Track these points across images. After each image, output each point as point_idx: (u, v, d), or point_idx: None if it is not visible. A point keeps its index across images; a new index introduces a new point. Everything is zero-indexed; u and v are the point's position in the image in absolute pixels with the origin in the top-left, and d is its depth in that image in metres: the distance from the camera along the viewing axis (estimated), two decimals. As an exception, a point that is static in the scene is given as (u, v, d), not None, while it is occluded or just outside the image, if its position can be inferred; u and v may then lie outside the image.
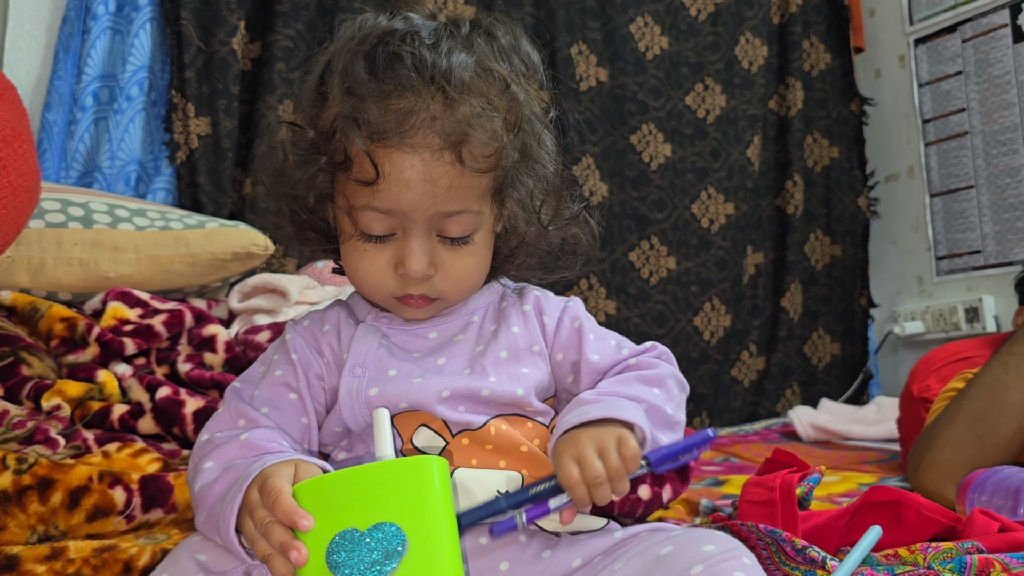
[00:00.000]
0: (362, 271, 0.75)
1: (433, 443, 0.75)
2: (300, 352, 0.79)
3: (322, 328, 0.81)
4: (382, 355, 0.77)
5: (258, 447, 0.71)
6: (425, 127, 0.69)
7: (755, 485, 0.98)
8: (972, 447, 1.24)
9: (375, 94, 0.70)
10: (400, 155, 0.69)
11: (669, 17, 2.56)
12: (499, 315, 0.82)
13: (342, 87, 0.72)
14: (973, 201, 2.52)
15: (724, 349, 2.58)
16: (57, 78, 1.84)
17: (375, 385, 0.75)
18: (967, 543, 0.84)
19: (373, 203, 0.71)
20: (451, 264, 0.75)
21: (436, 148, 0.69)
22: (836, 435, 2.11)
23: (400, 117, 0.69)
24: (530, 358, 0.79)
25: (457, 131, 0.69)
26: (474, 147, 0.70)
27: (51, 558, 0.83)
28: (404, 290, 0.75)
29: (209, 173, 1.95)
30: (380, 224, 0.73)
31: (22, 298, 1.28)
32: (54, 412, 1.08)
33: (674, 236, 2.54)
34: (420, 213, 0.71)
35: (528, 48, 0.79)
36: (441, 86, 0.69)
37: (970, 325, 2.50)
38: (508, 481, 0.74)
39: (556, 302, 0.84)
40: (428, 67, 0.70)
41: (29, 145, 1.13)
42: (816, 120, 2.75)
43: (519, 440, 0.76)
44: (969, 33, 2.52)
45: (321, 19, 2.11)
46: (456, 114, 0.70)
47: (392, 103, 0.69)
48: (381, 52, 0.71)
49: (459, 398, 0.75)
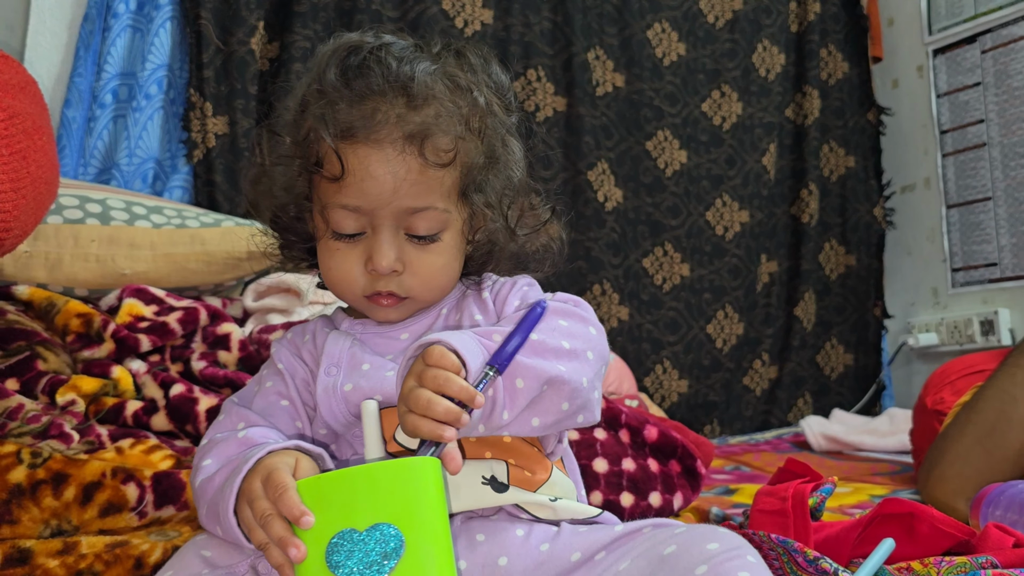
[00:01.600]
0: (334, 270, 0.78)
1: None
2: (286, 361, 0.82)
3: (303, 338, 0.84)
4: (355, 352, 0.79)
5: (256, 443, 0.73)
6: (389, 123, 0.73)
7: (767, 495, 0.98)
8: (981, 460, 1.23)
9: (345, 97, 0.74)
10: (365, 149, 0.73)
11: (687, 23, 2.56)
12: (461, 305, 0.83)
13: (316, 92, 0.76)
14: (990, 213, 2.51)
15: (736, 357, 2.57)
16: (77, 75, 1.85)
17: (349, 381, 0.77)
18: (981, 558, 0.83)
19: (341, 199, 0.75)
20: (419, 262, 0.77)
21: (399, 143, 0.73)
22: (848, 446, 2.10)
23: (365, 115, 0.73)
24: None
25: (419, 126, 0.74)
26: (436, 141, 0.74)
27: (63, 552, 0.84)
28: (373, 287, 0.77)
29: (226, 172, 1.96)
30: (349, 221, 0.76)
31: (39, 293, 1.28)
32: (69, 407, 1.09)
33: (688, 243, 2.53)
34: (385, 207, 0.74)
35: (497, 68, 0.82)
36: (405, 89, 0.74)
37: (985, 338, 2.48)
38: (493, 469, 0.75)
39: (508, 283, 0.85)
40: (394, 73, 0.74)
41: (49, 138, 1.14)
42: (832, 129, 2.74)
43: None
44: (989, 44, 2.50)
45: (339, 20, 2.12)
46: (419, 114, 0.74)
47: (359, 104, 0.74)
48: (352, 60, 0.76)
49: None
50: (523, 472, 0.76)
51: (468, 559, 0.71)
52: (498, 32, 2.31)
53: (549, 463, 0.78)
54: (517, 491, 0.75)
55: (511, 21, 2.32)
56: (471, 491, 0.74)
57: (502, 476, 0.75)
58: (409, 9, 2.20)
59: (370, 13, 2.13)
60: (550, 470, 0.78)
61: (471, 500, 0.74)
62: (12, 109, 1.06)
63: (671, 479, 1.19)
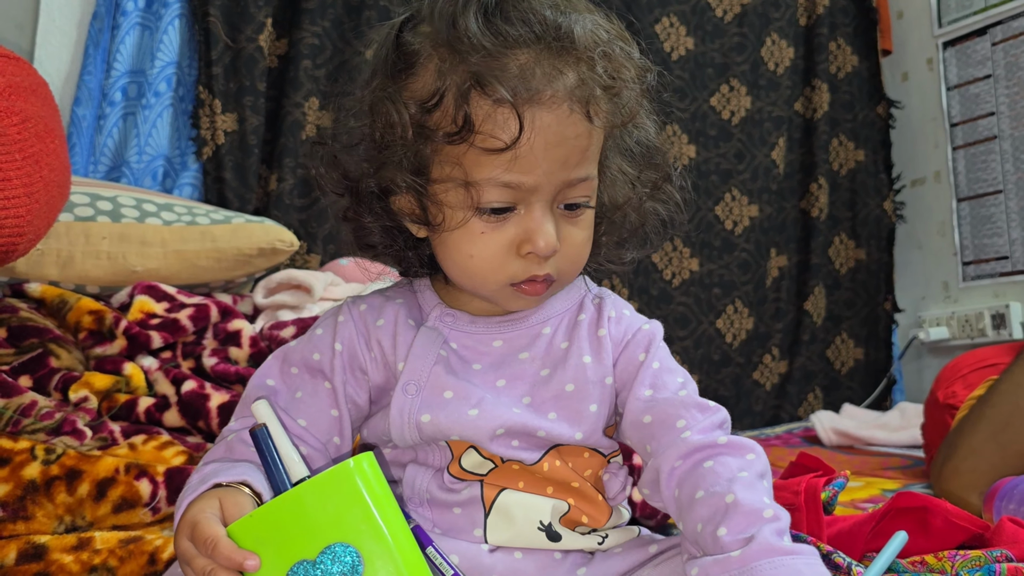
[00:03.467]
0: (478, 257, 0.67)
1: (482, 466, 0.71)
2: (347, 343, 0.73)
3: (376, 321, 0.74)
4: (439, 372, 0.71)
5: (236, 451, 0.67)
6: (553, 84, 0.63)
7: (779, 489, 0.98)
8: (995, 455, 1.23)
9: (495, 51, 0.63)
10: (531, 111, 0.63)
11: (695, 18, 2.55)
12: (572, 331, 0.74)
13: (449, 47, 0.64)
14: (1001, 206, 2.49)
15: (746, 352, 2.57)
16: (87, 73, 1.86)
17: (428, 410, 0.69)
18: (996, 551, 0.83)
19: (504, 174, 0.64)
20: (570, 238, 0.68)
21: (566, 105, 0.64)
22: (859, 440, 2.09)
23: (526, 73, 0.62)
24: (600, 392, 0.72)
25: (583, 87, 0.64)
26: (600, 103, 0.65)
27: (78, 548, 0.84)
28: (528, 272, 0.67)
29: (235, 169, 1.96)
30: (505, 197, 0.65)
31: (51, 290, 1.29)
32: (81, 404, 1.09)
33: (697, 238, 2.52)
34: (554, 178, 0.65)
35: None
36: (563, 43, 0.64)
37: (996, 332, 2.47)
38: (553, 511, 0.70)
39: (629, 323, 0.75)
40: (550, 24, 0.64)
41: (61, 141, 1.14)
42: (842, 123, 2.73)
43: (572, 476, 0.72)
44: (999, 36, 2.49)
45: (347, 17, 2.12)
46: (579, 71, 0.65)
47: (514, 59, 0.63)
48: (494, 6, 0.64)
49: (514, 435, 0.70)
50: (582, 516, 0.72)
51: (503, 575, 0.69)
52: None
53: (610, 508, 0.74)
54: (570, 538, 0.71)
55: (519, 16, 2.32)
56: (523, 532, 0.70)
57: (558, 520, 0.71)
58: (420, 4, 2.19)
59: (378, 9, 2.13)
60: (609, 515, 0.74)
61: (521, 539, 0.70)
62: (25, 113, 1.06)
63: (682, 474, 1.19)
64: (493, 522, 0.69)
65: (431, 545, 0.67)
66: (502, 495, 0.70)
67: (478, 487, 0.70)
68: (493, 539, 0.70)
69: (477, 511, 0.70)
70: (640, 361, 0.73)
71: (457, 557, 0.69)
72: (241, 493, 0.62)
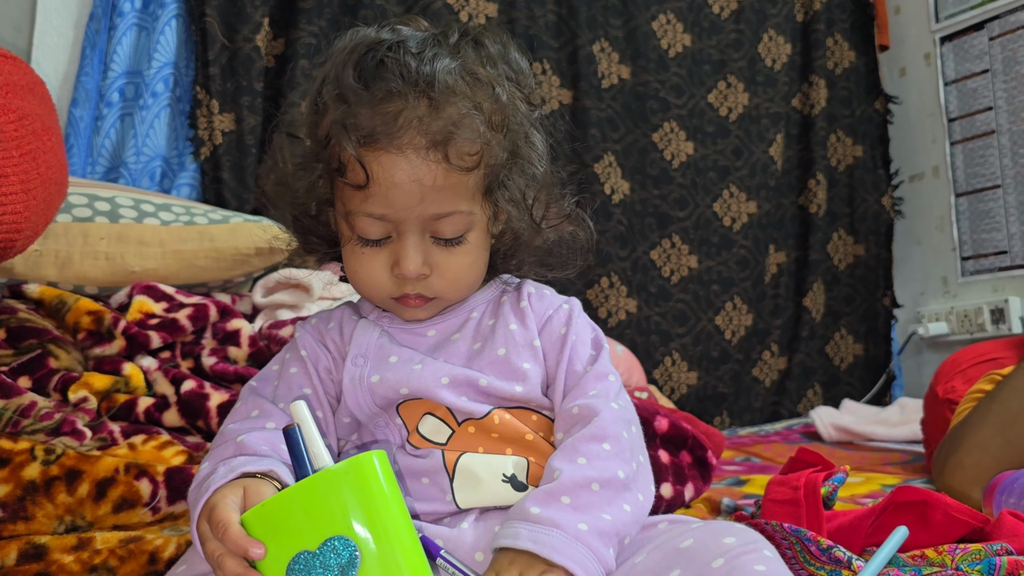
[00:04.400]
0: (360, 273, 0.77)
1: (439, 431, 0.76)
2: (309, 348, 0.81)
3: (327, 325, 0.83)
4: (383, 343, 0.79)
5: (249, 449, 0.71)
6: (412, 128, 0.71)
7: (779, 484, 0.98)
8: (1001, 450, 1.22)
9: (364, 100, 0.72)
10: (388, 157, 0.71)
11: (692, 14, 2.55)
12: (497, 310, 0.82)
13: (334, 95, 0.74)
14: (999, 201, 2.49)
15: (746, 349, 2.57)
16: (84, 74, 1.85)
17: (376, 372, 0.77)
18: (996, 545, 0.83)
19: (367, 208, 0.73)
20: (446, 264, 0.76)
21: (423, 148, 0.71)
22: (858, 436, 2.10)
23: (387, 120, 0.71)
24: (530, 353, 0.79)
25: (443, 131, 0.71)
26: (460, 145, 0.72)
27: (78, 548, 0.84)
28: (401, 290, 0.77)
29: (233, 169, 1.96)
30: (375, 227, 0.75)
31: (49, 291, 1.29)
32: (81, 404, 1.09)
33: (696, 235, 2.53)
34: (411, 214, 0.73)
35: (516, 55, 0.80)
36: (425, 90, 0.72)
37: (996, 327, 2.47)
38: (515, 466, 0.75)
39: (550, 301, 0.83)
40: (413, 72, 0.72)
41: (58, 138, 1.14)
42: (840, 119, 2.73)
43: (523, 429, 0.77)
44: (996, 31, 2.49)
45: (344, 16, 2.12)
46: (442, 115, 0.72)
47: (380, 108, 0.72)
48: (369, 60, 0.73)
49: (459, 385, 0.76)
50: (543, 470, 0.75)
51: (486, 551, 0.71)
52: (502, 25, 2.31)
53: None
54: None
55: (515, 14, 2.32)
56: (490, 488, 0.74)
57: (522, 474, 0.75)
58: (413, 4, 2.19)
59: (375, 8, 2.13)
60: None
61: (490, 496, 0.74)
62: (22, 111, 1.06)
63: (682, 470, 1.19)
64: (459, 484, 0.74)
65: (439, 555, 0.68)
66: (463, 458, 0.75)
67: (439, 455, 0.75)
68: (462, 500, 0.74)
69: (442, 477, 0.74)
70: (562, 334, 0.80)
71: (442, 542, 0.70)
72: (267, 484, 0.66)
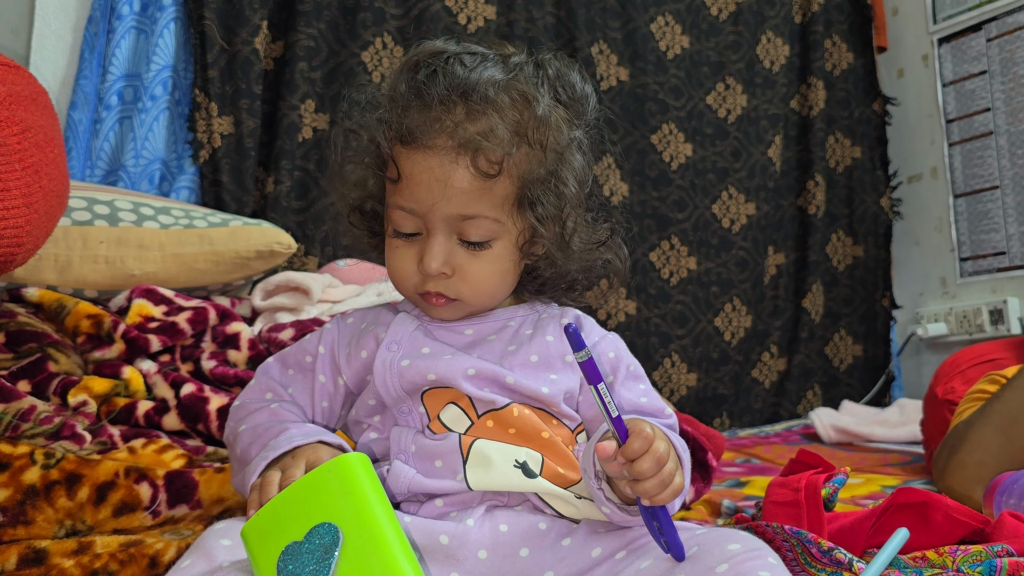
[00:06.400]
0: (392, 266, 0.82)
1: (459, 420, 0.78)
2: (330, 345, 0.85)
3: (361, 325, 0.86)
4: (418, 336, 0.83)
5: (284, 417, 0.80)
6: (445, 132, 0.76)
7: (780, 486, 0.98)
8: (1002, 450, 1.22)
9: (412, 104, 0.77)
10: (420, 154, 0.77)
11: (690, 16, 2.55)
12: (537, 324, 0.85)
13: (387, 96, 0.81)
14: (998, 202, 2.50)
15: (745, 350, 2.57)
16: (83, 77, 1.85)
17: (408, 358, 0.80)
18: (997, 546, 0.83)
19: (397, 199, 0.79)
20: (468, 267, 0.79)
21: (451, 150, 0.76)
22: (858, 437, 2.09)
23: (424, 122, 0.76)
24: (562, 367, 0.82)
25: (472, 137, 0.75)
26: (486, 152, 0.75)
27: (78, 552, 0.84)
28: (424, 286, 0.80)
29: (232, 172, 1.96)
30: (407, 221, 0.79)
31: (49, 295, 1.29)
32: (80, 408, 1.09)
33: (695, 236, 2.53)
34: (436, 211, 0.77)
35: (578, 79, 0.83)
36: (465, 98, 0.76)
37: (995, 327, 2.47)
38: (528, 456, 0.76)
39: (596, 328, 0.87)
40: (458, 80, 0.76)
41: (60, 150, 1.14)
42: (838, 120, 2.73)
43: (540, 426, 0.78)
44: (994, 32, 2.49)
45: (343, 19, 2.12)
46: (476, 124, 0.76)
47: (421, 110, 0.77)
48: (423, 69, 0.78)
49: (484, 378, 0.79)
50: (556, 469, 0.76)
51: (490, 549, 0.72)
52: (501, 28, 2.31)
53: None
54: (546, 482, 0.76)
55: (514, 16, 2.32)
56: (501, 471, 0.75)
57: (535, 466, 0.76)
58: (412, 6, 2.19)
59: (373, 11, 2.13)
60: (581, 475, 0.78)
61: (500, 480, 0.75)
62: (25, 123, 1.06)
63: (683, 472, 1.19)
64: (472, 465, 0.76)
65: (598, 384, 0.68)
66: (478, 442, 0.76)
67: (456, 437, 0.77)
68: (474, 481, 0.75)
69: (456, 459, 0.76)
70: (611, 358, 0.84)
71: (447, 538, 0.72)
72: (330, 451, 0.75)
